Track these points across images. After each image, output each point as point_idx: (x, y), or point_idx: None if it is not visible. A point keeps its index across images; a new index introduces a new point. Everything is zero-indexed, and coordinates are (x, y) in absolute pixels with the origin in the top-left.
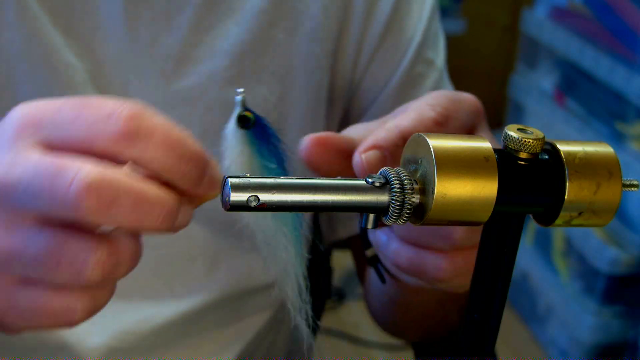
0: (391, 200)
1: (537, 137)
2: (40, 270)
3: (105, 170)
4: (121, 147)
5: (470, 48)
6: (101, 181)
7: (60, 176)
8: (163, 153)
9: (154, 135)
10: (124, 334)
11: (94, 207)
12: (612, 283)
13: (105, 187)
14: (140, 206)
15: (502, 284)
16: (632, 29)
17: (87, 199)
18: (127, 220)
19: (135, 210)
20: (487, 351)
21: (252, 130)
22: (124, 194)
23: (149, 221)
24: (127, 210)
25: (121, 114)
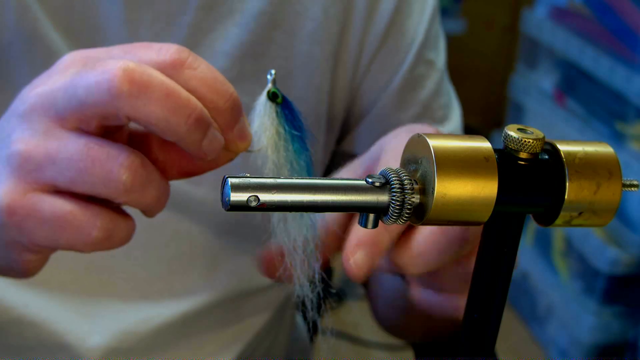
0: (391, 200)
1: (537, 137)
2: (73, 173)
3: (139, 63)
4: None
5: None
6: (135, 67)
7: (98, 70)
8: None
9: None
10: (123, 334)
11: (128, 91)
12: (612, 283)
13: (139, 73)
14: (171, 99)
15: (502, 284)
16: (632, 29)
17: (122, 82)
18: (158, 111)
19: (167, 103)
20: (487, 351)
21: (279, 106)
22: (156, 83)
23: (179, 117)
24: (158, 100)
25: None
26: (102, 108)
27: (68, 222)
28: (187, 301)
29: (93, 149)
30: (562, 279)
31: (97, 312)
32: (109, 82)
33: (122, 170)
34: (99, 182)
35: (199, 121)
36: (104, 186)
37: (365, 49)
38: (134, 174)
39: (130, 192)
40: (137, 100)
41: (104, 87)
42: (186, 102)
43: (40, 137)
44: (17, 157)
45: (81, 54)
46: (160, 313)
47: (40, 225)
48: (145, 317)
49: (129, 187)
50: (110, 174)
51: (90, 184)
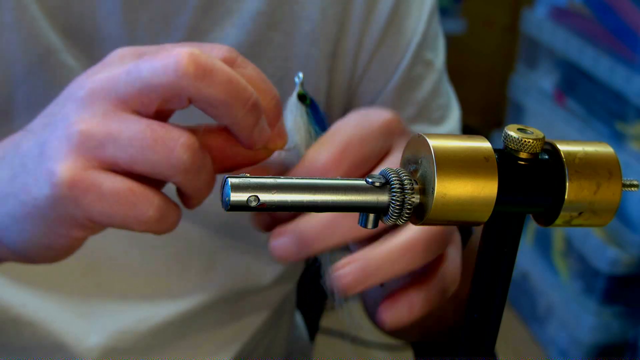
0: (391, 200)
1: (537, 137)
2: (135, 151)
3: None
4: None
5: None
6: (200, 53)
7: (162, 54)
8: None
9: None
10: (121, 333)
11: (194, 72)
12: (612, 283)
13: (204, 57)
14: (232, 84)
15: (502, 284)
16: (632, 29)
17: (188, 63)
18: (220, 94)
19: (228, 86)
20: (487, 351)
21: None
22: (219, 69)
23: (238, 101)
24: (221, 84)
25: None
26: (167, 88)
27: (126, 199)
28: (185, 301)
29: (155, 129)
30: (562, 279)
31: (95, 312)
32: (175, 64)
33: (183, 150)
34: (160, 160)
35: (255, 107)
36: (165, 164)
37: (363, 49)
38: (194, 154)
39: (188, 173)
40: (201, 82)
41: (171, 68)
42: (245, 88)
43: (101, 118)
44: (78, 135)
45: (132, 49)
46: (158, 313)
47: (99, 200)
48: (143, 317)
49: (188, 167)
50: (172, 152)
51: (151, 163)
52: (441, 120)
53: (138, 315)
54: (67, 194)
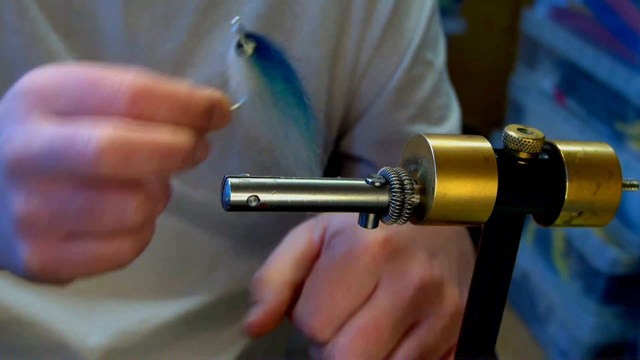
0: (391, 200)
1: (537, 137)
2: (85, 225)
3: (117, 128)
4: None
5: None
6: (112, 141)
7: (75, 144)
8: (172, 113)
9: (159, 108)
10: (123, 334)
11: (113, 164)
12: (612, 283)
13: (119, 143)
14: (157, 154)
15: (502, 284)
16: (632, 29)
17: (105, 158)
18: (148, 169)
19: (154, 159)
20: (487, 351)
21: (253, 55)
22: (139, 146)
23: (170, 165)
24: (146, 160)
25: (124, 97)
26: (92, 177)
27: (97, 261)
28: (187, 301)
29: (96, 202)
30: (562, 279)
31: (97, 312)
32: (92, 163)
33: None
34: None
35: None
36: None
37: (363, 50)
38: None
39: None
40: (126, 168)
41: (89, 166)
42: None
43: (39, 197)
44: (23, 221)
45: (40, 90)
46: (160, 313)
47: (74, 268)
48: (145, 317)
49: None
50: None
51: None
52: (441, 121)
53: (140, 316)
54: (40, 274)
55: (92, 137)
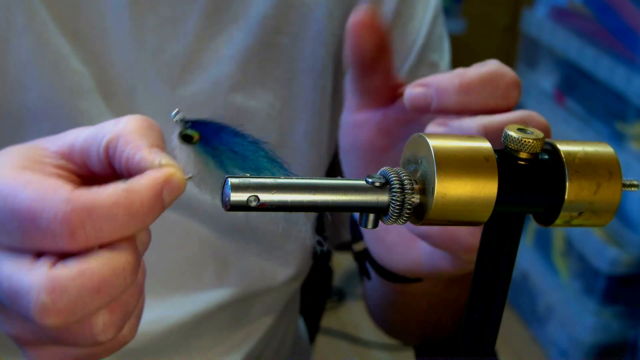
0: (391, 200)
1: (537, 137)
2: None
3: (52, 281)
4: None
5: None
6: (52, 298)
7: (19, 299)
8: (121, 232)
9: (103, 231)
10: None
11: (59, 318)
12: (612, 283)
13: (58, 299)
14: (102, 290)
15: (502, 284)
16: (632, 29)
17: (49, 320)
18: (96, 305)
19: (101, 296)
20: (487, 351)
21: (200, 142)
22: (80, 293)
23: (118, 290)
24: (91, 300)
25: (62, 222)
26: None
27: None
28: (198, 302)
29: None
30: (562, 279)
31: None
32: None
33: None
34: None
35: (134, 268)
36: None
37: None
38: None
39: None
40: (75, 317)
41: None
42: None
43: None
44: (15, 338)
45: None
46: (172, 314)
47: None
48: (157, 318)
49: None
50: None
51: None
52: None
53: (152, 316)
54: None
55: (30, 294)
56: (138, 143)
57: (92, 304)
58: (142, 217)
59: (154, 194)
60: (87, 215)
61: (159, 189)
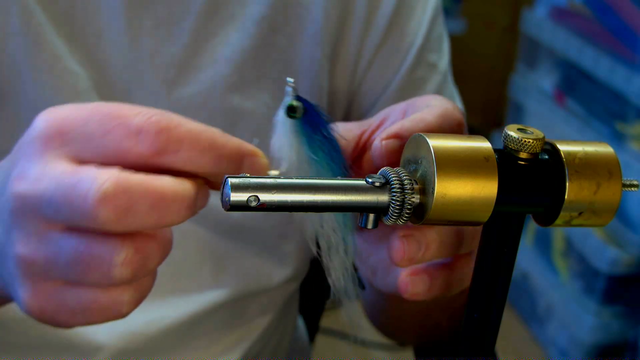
0: (391, 200)
1: (537, 137)
2: (74, 274)
3: (119, 178)
4: (152, 160)
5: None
6: (115, 190)
7: (76, 189)
8: (194, 160)
9: (183, 146)
10: (131, 334)
11: (112, 217)
12: (612, 283)
13: (120, 195)
14: (158, 207)
15: (502, 284)
16: (632, 29)
17: (103, 210)
18: (147, 222)
19: (154, 212)
20: (487, 351)
21: (301, 119)
22: (140, 199)
23: (169, 218)
24: (145, 213)
25: (150, 130)
26: (87, 226)
27: (95, 308)
28: (195, 302)
29: (84, 252)
30: (562, 279)
31: None
32: (90, 212)
33: (117, 269)
34: (99, 280)
35: (190, 205)
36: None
37: (364, 51)
38: (130, 266)
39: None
40: (124, 221)
41: (86, 214)
42: (173, 198)
43: (35, 240)
44: (22, 263)
45: (58, 129)
46: (168, 314)
47: (72, 315)
48: (153, 318)
49: (131, 278)
50: (107, 273)
51: (92, 279)
52: None
53: (148, 317)
54: (41, 318)
55: (94, 184)
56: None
57: (144, 216)
58: (219, 153)
59: (239, 147)
60: (176, 123)
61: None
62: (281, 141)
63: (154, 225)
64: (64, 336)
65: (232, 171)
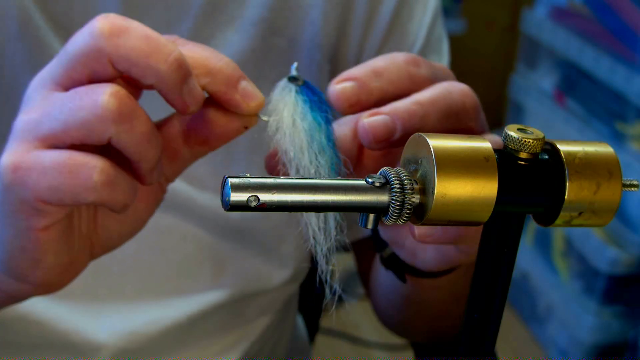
0: (391, 200)
1: (537, 137)
2: (66, 117)
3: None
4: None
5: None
6: (116, 16)
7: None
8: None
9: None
10: (131, 334)
11: (108, 31)
12: (612, 283)
13: (118, 19)
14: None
15: (502, 284)
16: (632, 29)
17: (102, 25)
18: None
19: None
20: (487, 351)
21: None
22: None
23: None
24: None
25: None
26: (86, 52)
27: (68, 167)
28: (195, 303)
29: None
30: (562, 279)
31: (105, 313)
32: (91, 27)
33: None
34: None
35: (178, 63)
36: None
37: (365, 52)
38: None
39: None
40: (118, 39)
41: (87, 32)
42: (164, 44)
43: (38, 105)
44: (21, 124)
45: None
46: (168, 314)
47: (43, 176)
48: (153, 318)
49: (116, 114)
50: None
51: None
52: None
53: (148, 317)
54: (12, 177)
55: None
56: None
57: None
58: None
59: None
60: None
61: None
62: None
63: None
64: (63, 335)
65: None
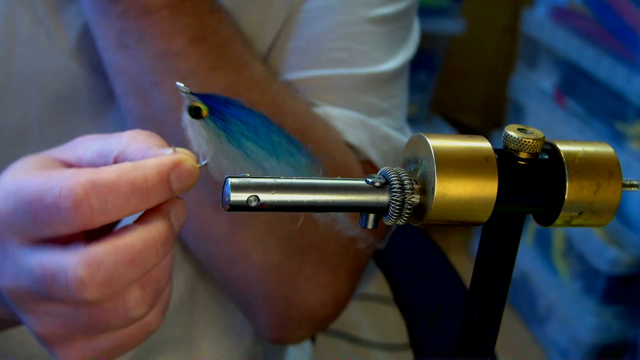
0: (391, 200)
1: (537, 137)
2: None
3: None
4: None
5: (470, 48)
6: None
7: (55, 280)
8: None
9: (107, 204)
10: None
11: (97, 290)
12: (612, 283)
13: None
14: (136, 262)
15: (502, 284)
16: (632, 29)
17: (86, 290)
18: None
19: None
20: (487, 351)
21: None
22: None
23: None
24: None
25: (67, 206)
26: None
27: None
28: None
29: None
30: (562, 279)
31: None
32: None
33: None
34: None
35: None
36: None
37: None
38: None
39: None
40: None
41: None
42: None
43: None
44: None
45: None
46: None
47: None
48: None
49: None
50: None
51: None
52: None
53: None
54: None
55: (67, 271)
56: (147, 147)
57: (126, 275)
58: (145, 193)
59: (159, 172)
60: (91, 187)
61: (165, 169)
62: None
63: (139, 276)
64: None
65: (169, 194)
